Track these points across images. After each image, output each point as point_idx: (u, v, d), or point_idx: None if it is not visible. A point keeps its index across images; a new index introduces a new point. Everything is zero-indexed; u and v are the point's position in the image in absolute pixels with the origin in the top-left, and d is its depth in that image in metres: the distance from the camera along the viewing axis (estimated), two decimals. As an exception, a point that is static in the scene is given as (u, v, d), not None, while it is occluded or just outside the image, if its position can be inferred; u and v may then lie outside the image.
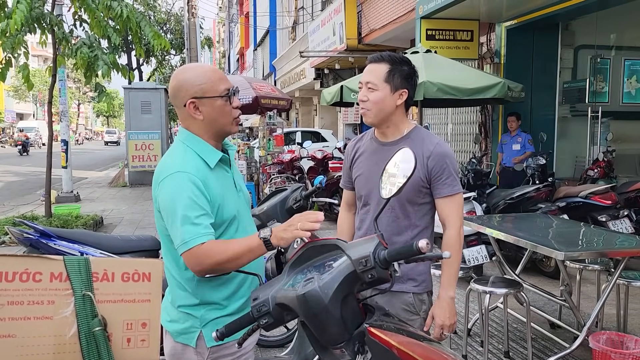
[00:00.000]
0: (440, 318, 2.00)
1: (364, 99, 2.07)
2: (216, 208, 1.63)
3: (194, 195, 1.58)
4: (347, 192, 2.34)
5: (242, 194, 1.82)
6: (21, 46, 6.84)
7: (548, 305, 4.45)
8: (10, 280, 1.15)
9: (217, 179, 1.67)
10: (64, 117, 10.62)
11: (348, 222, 2.35)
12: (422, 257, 1.41)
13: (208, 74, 1.68)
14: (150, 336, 1.25)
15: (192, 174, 1.60)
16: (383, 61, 2.05)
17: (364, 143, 2.24)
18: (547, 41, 7.85)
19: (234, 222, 1.70)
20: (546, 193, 5.69)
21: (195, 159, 1.66)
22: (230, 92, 1.68)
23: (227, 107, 1.68)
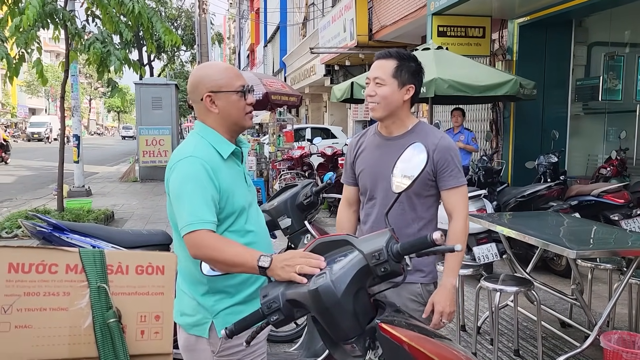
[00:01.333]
0: (441, 305, 2.02)
1: (372, 94, 2.11)
2: (225, 198, 1.69)
3: (205, 180, 1.65)
4: (348, 188, 2.36)
5: (252, 189, 1.89)
6: (34, 42, 6.88)
7: (559, 304, 4.42)
8: (27, 272, 1.17)
9: (229, 170, 1.74)
10: (76, 112, 10.70)
11: (348, 218, 2.37)
12: (434, 250, 1.41)
13: (225, 71, 1.77)
14: (163, 328, 1.26)
15: (204, 160, 1.67)
16: (391, 57, 2.10)
17: (367, 139, 2.27)
18: (560, 38, 7.77)
19: (244, 213, 1.76)
20: (558, 191, 5.65)
21: (208, 149, 1.73)
22: (245, 89, 1.76)
23: (242, 102, 1.76)
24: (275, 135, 10.55)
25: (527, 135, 7.89)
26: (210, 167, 1.68)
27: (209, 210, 1.63)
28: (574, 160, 7.88)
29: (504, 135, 8.28)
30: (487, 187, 5.94)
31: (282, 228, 3.18)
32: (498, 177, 6.30)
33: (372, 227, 2.16)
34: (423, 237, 1.36)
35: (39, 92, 52.10)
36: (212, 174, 1.67)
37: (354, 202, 2.35)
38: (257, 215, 1.87)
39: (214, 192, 1.66)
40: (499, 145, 8.30)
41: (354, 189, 2.32)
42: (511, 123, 8.11)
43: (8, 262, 1.16)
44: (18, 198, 11.22)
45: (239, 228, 1.75)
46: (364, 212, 2.25)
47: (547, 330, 3.86)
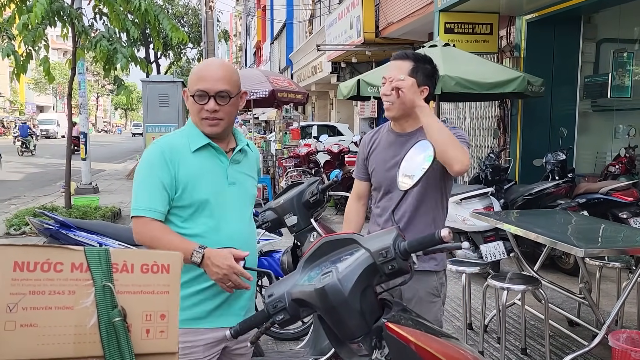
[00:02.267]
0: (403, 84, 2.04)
1: (387, 93, 2.17)
2: (182, 187, 1.74)
3: (158, 165, 1.73)
4: (359, 183, 2.44)
5: (238, 189, 1.85)
6: (42, 39, 6.92)
7: (566, 302, 4.40)
8: (32, 270, 1.16)
9: (199, 162, 1.78)
10: (83, 109, 10.75)
11: (356, 211, 2.45)
12: (440, 248, 1.42)
13: (197, 71, 1.81)
14: (169, 327, 1.25)
15: (164, 146, 1.76)
16: (408, 59, 2.18)
17: (380, 136, 2.34)
18: (568, 35, 7.71)
19: (207, 207, 1.77)
20: (566, 189, 5.61)
21: (181, 138, 1.81)
22: (200, 94, 1.76)
23: (196, 106, 1.78)
24: (281, 132, 10.55)
25: (535, 132, 7.84)
26: (170, 153, 1.74)
27: (157, 198, 1.72)
28: (582, 158, 7.82)
29: (511, 133, 8.23)
30: (495, 185, 5.92)
31: (288, 226, 3.17)
32: (505, 175, 6.27)
33: (389, 220, 2.22)
34: (431, 234, 1.36)
35: (47, 90, 52.40)
36: (169, 160, 1.73)
37: (364, 196, 2.44)
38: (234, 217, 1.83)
39: (165, 178, 1.72)
40: (507, 143, 8.26)
41: (365, 184, 2.41)
42: (519, 120, 8.06)
43: (13, 261, 1.16)
44: (26, 195, 11.29)
45: (201, 223, 1.77)
46: (381, 206, 2.31)
47: (554, 329, 3.84)
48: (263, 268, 3.96)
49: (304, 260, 1.45)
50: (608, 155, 7.41)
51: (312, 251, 1.45)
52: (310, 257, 1.45)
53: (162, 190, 1.73)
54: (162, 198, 1.73)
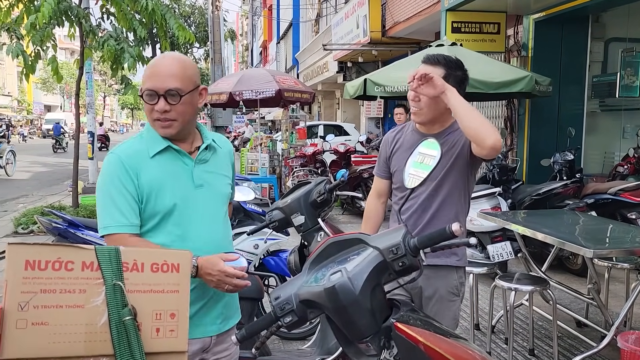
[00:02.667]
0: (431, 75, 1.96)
1: (416, 99, 2.13)
2: (145, 196, 1.62)
3: (122, 177, 1.61)
4: (380, 181, 2.42)
5: (206, 191, 1.73)
6: (50, 39, 6.94)
7: (574, 303, 4.37)
8: (43, 269, 1.17)
9: (160, 168, 1.66)
10: (91, 109, 10.79)
11: (376, 208, 2.44)
12: (449, 244, 1.41)
13: (148, 66, 1.68)
14: (178, 326, 1.26)
15: (122, 156, 1.64)
16: (439, 64, 2.13)
17: (404, 135, 2.32)
18: (576, 34, 7.66)
19: (173, 215, 1.65)
20: (574, 189, 5.57)
21: (140, 144, 1.69)
22: (149, 93, 1.63)
23: (146, 106, 1.66)
24: (287, 132, 10.55)
25: (543, 132, 7.80)
26: (128, 161, 1.63)
27: (128, 210, 1.60)
28: (590, 158, 7.78)
29: (518, 133, 8.20)
30: (502, 185, 5.89)
31: (295, 225, 3.17)
32: (513, 175, 6.24)
33: (411, 216, 2.23)
34: (441, 229, 1.36)
35: (54, 89, 52.68)
36: (130, 169, 1.62)
37: (384, 194, 2.43)
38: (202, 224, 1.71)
39: (131, 188, 1.61)
40: (514, 143, 8.22)
41: (385, 182, 2.39)
42: (526, 120, 8.02)
43: (25, 259, 1.17)
44: (34, 194, 11.36)
45: (167, 232, 1.65)
46: (405, 204, 2.27)
47: (562, 330, 3.82)
48: (270, 268, 3.96)
49: (310, 261, 1.45)
50: (616, 155, 7.37)
51: (318, 252, 1.44)
52: (316, 258, 1.44)
53: (131, 201, 1.61)
54: (134, 209, 1.61)
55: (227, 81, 10.08)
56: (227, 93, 9.14)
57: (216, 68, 14.68)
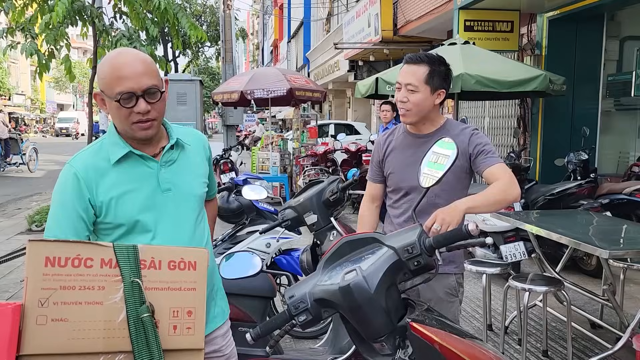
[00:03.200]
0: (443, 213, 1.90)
1: (404, 100, 2.14)
2: (105, 207, 1.53)
3: (71, 193, 1.51)
4: (373, 185, 2.42)
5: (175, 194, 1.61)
6: (63, 38, 7.01)
7: (588, 304, 4.33)
8: (63, 266, 1.18)
9: (121, 175, 1.55)
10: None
11: (370, 213, 2.45)
12: (465, 244, 1.41)
13: (108, 69, 1.50)
14: (195, 324, 1.26)
15: (78, 168, 1.54)
16: (422, 62, 2.13)
17: (395, 137, 2.32)
18: (591, 32, 7.58)
19: (139, 224, 1.55)
20: (588, 189, 5.52)
21: (99, 151, 1.58)
22: (126, 97, 1.48)
23: (122, 111, 1.50)
24: (298, 131, 10.56)
25: (556, 131, 7.73)
26: (84, 174, 1.52)
27: (70, 227, 1.50)
28: (605, 158, 7.69)
29: (532, 132, 8.13)
30: (515, 185, 5.84)
31: (308, 224, 3.16)
32: (526, 175, 6.20)
33: (407, 221, 2.22)
34: (457, 228, 1.36)
35: (67, 88, 53.14)
36: (85, 183, 1.52)
37: (378, 198, 2.42)
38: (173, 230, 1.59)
39: (79, 205, 1.51)
40: (527, 142, 8.16)
41: (379, 186, 2.39)
42: (539, 119, 7.95)
43: (45, 256, 1.18)
44: (47, 192, 11.47)
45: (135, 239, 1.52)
46: (398, 208, 2.30)
47: (576, 331, 3.78)
48: (282, 266, 3.97)
49: (325, 260, 1.45)
50: (631, 155, 7.28)
51: (332, 251, 1.44)
52: (330, 257, 1.44)
53: (75, 218, 1.51)
54: (77, 225, 1.51)
55: (239, 80, 10.11)
56: (239, 92, 9.17)
57: (227, 67, 14.73)
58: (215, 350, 1.75)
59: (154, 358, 1.18)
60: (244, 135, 23.13)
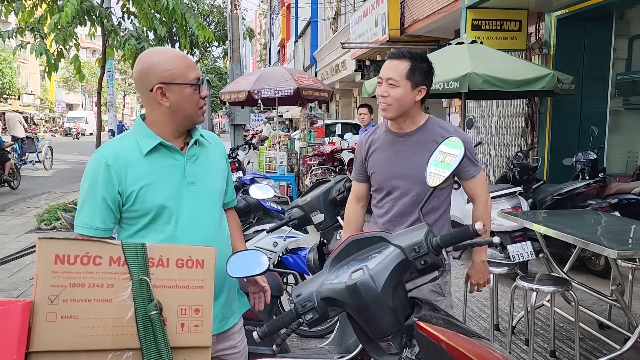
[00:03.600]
0: (475, 278, 2.28)
1: (384, 95, 2.15)
2: (135, 195, 1.59)
3: (101, 179, 1.58)
4: (358, 185, 2.43)
5: (198, 188, 1.70)
6: (72, 38, 7.05)
7: (596, 304, 4.31)
8: (72, 263, 1.19)
9: (151, 165, 1.63)
10: (112, 107, 10.93)
11: (355, 212, 2.46)
12: (471, 243, 1.41)
13: (177, 60, 1.64)
14: (203, 322, 1.27)
15: (107, 157, 1.60)
16: (404, 58, 2.13)
17: (378, 137, 2.32)
18: (600, 31, 7.53)
19: (164, 213, 1.62)
20: (597, 189, 5.48)
21: (128, 143, 1.65)
22: (200, 82, 1.66)
23: (195, 96, 1.66)
24: (306, 130, 10.56)
25: (565, 131, 7.69)
26: (115, 162, 1.59)
27: (97, 215, 1.58)
28: (613, 157, 7.64)
29: (539, 131, 8.09)
30: (523, 185, 5.82)
31: (314, 223, 3.18)
32: (534, 174, 6.16)
33: (390, 221, 2.24)
34: (464, 227, 1.36)
35: (76, 88, 53.46)
36: (115, 171, 1.58)
37: (363, 197, 2.44)
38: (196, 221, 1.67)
39: (108, 194, 1.58)
40: (535, 142, 8.12)
41: (364, 185, 2.41)
42: (547, 118, 7.91)
43: (54, 254, 1.19)
44: (56, 191, 11.55)
45: (159, 230, 1.62)
46: (381, 208, 2.31)
47: (584, 332, 3.76)
48: (288, 265, 3.97)
49: (331, 259, 1.45)
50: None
51: (339, 250, 1.45)
52: (337, 256, 1.44)
53: (104, 207, 1.58)
54: (105, 214, 1.59)
55: (246, 80, 10.13)
56: (246, 91, 9.19)
57: (235, 67, 14.75)
58: (232, 345, 1.80)
59: (162, 355, 1.19)
60: (251, 134, 23.19)
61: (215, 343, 1.75)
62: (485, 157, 9.65)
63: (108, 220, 1.60)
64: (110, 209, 1.59)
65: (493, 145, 9.45)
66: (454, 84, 5.69)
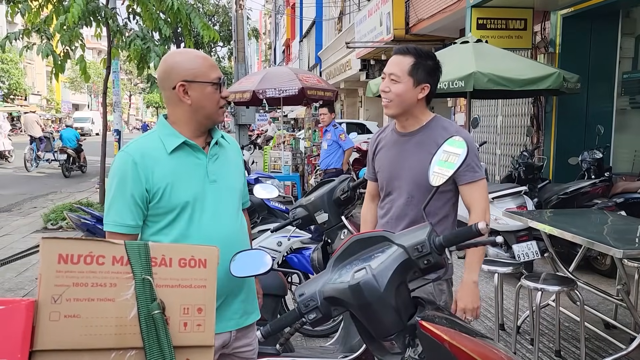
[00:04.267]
0: (463, 302, 2.01)
1: (386, 90, 2.10)
2: (160, 192, 1.63)
3: (129, 177, 1.62)
4: (370, 184, 2.40)
5: (220, 186, 1.74)
6: (78, 39, 7.08)
7: (602, 304, 4.29)
8: (76, 263, 1.20)
9: (175, 164, 1.66)
10: (117, 107, 10.97)
11: (371, 212, 2.42)
12: (474, 242, 1.40)
13: (200, 60, 1.70)
14: (205, 321, 1.27)
15: (134, 155, 1.63)
16: (409, 54, 2.08)
17: (385, 135, 2.29)
18: (606, 30, 7.49)
19: (187, 210, 1.66)
20: (603, 188, 5.46)
21: (153, 142, 1.69)
22: (221, 81, 1.70)
23: (216, 95, 1.70)
24: (310, 130, 10.56)
25: (570, 130, 7.66)
26: (142, 160, 1.63)
27: (128, 213, 1.62)
28: (619, 157, 7.59)
29: (545, 131, 8.06)
30: (528, 184, 5.80)
31: (319, 223, 3.17)
32: (539, 174, 6.14)
33: (388, 223, 2.19)
34: (467, 227, 1.35)
35: (82, 89, 53.72)
36: (142, 169, 1.62)
37: (376, 196, 2.39)
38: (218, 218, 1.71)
39: (136, 191, 1.62)
40: (540, 141, 8.08)
41: (375, 184, 2.36)
42: (553, 118, 7.88)
43: (58, 253, 1.19)
44: (62, 191, 11.62)
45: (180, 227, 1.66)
46: (382, 208, 2.27)
47: (590, 331, 3.74)
48: (293, 265, 3.98)
49: (334, 258, 1.45)
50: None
51: (342, 250, 1.44)
52: (340, 256, 1.44)
53: (133, 205, 1.63)
54: (134, 212, 1.63)
55: (251, 79, 10.14)
56: (251, 91, 9.19)
57: (240, 67, 14.77)
58: (248, 343, 1.83)
59: (165, 354, 1.20)
60: (256, 134, 23.21)
61: (235, 340, 1.78)
62: (491, 156, 9.62)
63: (138, 218, 1.64)
64: (139, 206, 1.63)
65: (498, 144, 9.42)
66: (459, 83, 5.68)
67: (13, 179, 13.80)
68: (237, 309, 1.79)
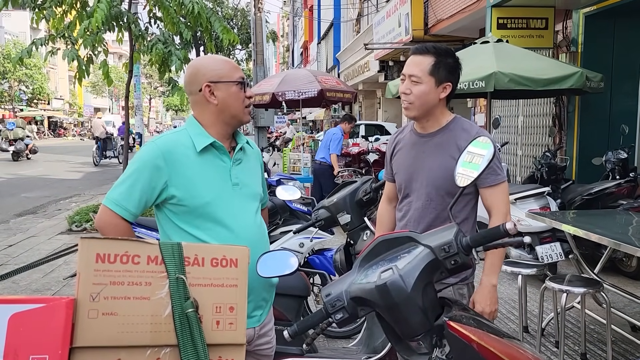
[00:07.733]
0: (480, 305, 1.97)
1: (406, 92, 2.04)
2: (183, 189, 1.66)
3: (148, 168, 1.64)
4: (388, 185, 2.35)
5: (241, 189, 1.77)
6: (101, 44, 7.21)
7: (628, 307, 4.22)
8: (113, 262, 1.23)
9: (202, 163, 1.70)
10: (138, 111, 11.14)
11: (388, 214, 2.37)
12: (502, 243, 1.40)
13: (222, 62, 1.77)
14: (237, 320, 1.30)
15: (163, 148, 1.67)
16: (428, 53, 2.02)
17: (404, 136, 2.25)
18: (630, 28, 7.36)
19: (209, 210, 1.69)
20: (628, 189, 5.37)
21: (183, 139, 1.72)
22: (244, 80, 1.76)
23: (241, 94, 1.76)
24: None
25: (594, 130, 7.54)
26: (169, 155, 1.66)
27: (131, 198, 1.64)
28: (645, 156, 7.46)
29: (568, 131, 7.95)
30: (551, 185, 5.73)
31: (341, 224, 3.19)
32: (562, 174, 6.07)
33: (407, 225, 2.15)
34: (495, 227, 1.35)
35: (103, 93, 54.57)
36: (165, 164, 1.65)
37: (394, 197, 2.34)
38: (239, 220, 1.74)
39: (148, 184, 1.64)
40: (563, 141, 7.98)
41: (393, 185, 2.32)
42: (575, 117, 7.77)
43: (96, 253, 1.23)
44: (85, 193, 11.82)
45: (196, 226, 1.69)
46: (400, 210, 2.23)
47: (616, 334, 3.69)
48: (315, 266, 4.00)
49: (360, 259, 1.46)
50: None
51: (368, 250, 1.45)
52: (366, 256, 1.45)
53: (140, 194, 1.65)
54: (138, 200, 1.65)
55: (270, 82, 10.19)
56: (270, 94, 9.24)
57: (258, 69, 14.87)
58: (267, 341, 1.86)
59: (199, 352, 1.22)
60: (274, 136, 23.32)
61: (257, 337, 1.81)
62: (512, 157, 9.52)
63: (139, 207, 1.66)
64: (146, 198, 1.66)
65: (519, 145, 9.32)
66: (479, 84, 5.64)
67: (37, 182, 14.08)
68: (258, 306, 1.83)
